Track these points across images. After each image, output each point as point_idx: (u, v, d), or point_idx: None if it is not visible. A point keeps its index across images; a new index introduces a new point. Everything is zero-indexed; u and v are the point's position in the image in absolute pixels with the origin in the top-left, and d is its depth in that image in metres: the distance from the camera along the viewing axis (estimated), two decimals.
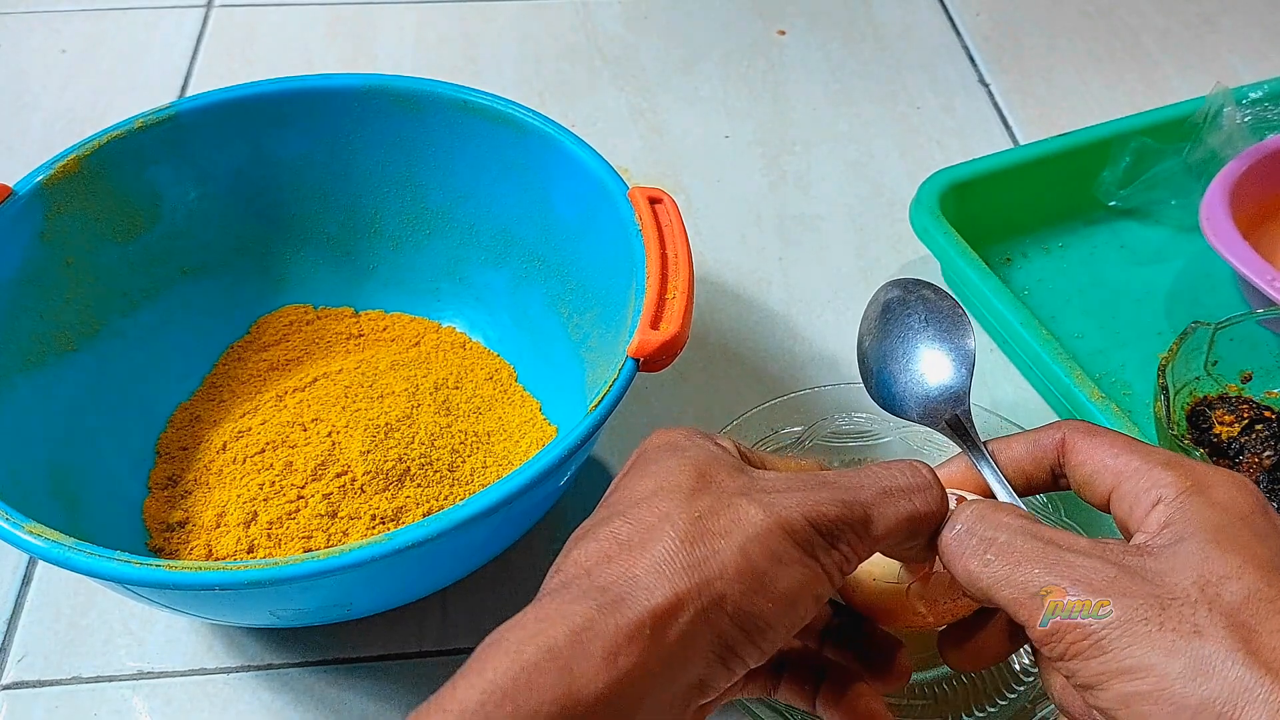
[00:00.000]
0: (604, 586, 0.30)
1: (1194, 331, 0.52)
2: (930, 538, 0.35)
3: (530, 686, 0.28)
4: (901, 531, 0.34)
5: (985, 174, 0.64)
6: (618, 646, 0.29)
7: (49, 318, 0.51)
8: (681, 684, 0.30)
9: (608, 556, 0.32)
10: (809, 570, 0.32)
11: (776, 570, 0.31)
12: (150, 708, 0.47)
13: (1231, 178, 0.61)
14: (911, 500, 0.34)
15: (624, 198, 0.50)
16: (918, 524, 0.34)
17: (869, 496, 0.34)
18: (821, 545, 0.32)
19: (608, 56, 0.82)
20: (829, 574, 0.33)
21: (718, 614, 0.30)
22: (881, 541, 0.34)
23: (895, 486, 0.34)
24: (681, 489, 0.33)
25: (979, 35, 0.84)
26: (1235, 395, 0.53)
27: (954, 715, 0.44)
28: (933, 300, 0.45)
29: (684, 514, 0.32)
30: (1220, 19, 0.86)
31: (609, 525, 0.33)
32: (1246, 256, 0.56)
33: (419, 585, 0.46)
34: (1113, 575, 0.30)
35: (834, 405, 0.54)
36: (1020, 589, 0.32)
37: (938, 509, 0.35)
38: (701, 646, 0.30)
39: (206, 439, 0.53)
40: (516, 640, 0.29)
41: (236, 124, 0.56)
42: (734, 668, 0.32)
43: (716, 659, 0.31)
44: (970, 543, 0.33)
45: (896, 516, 0.34)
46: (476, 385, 0.56)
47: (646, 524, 0.32)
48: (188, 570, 0.38)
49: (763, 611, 0.31)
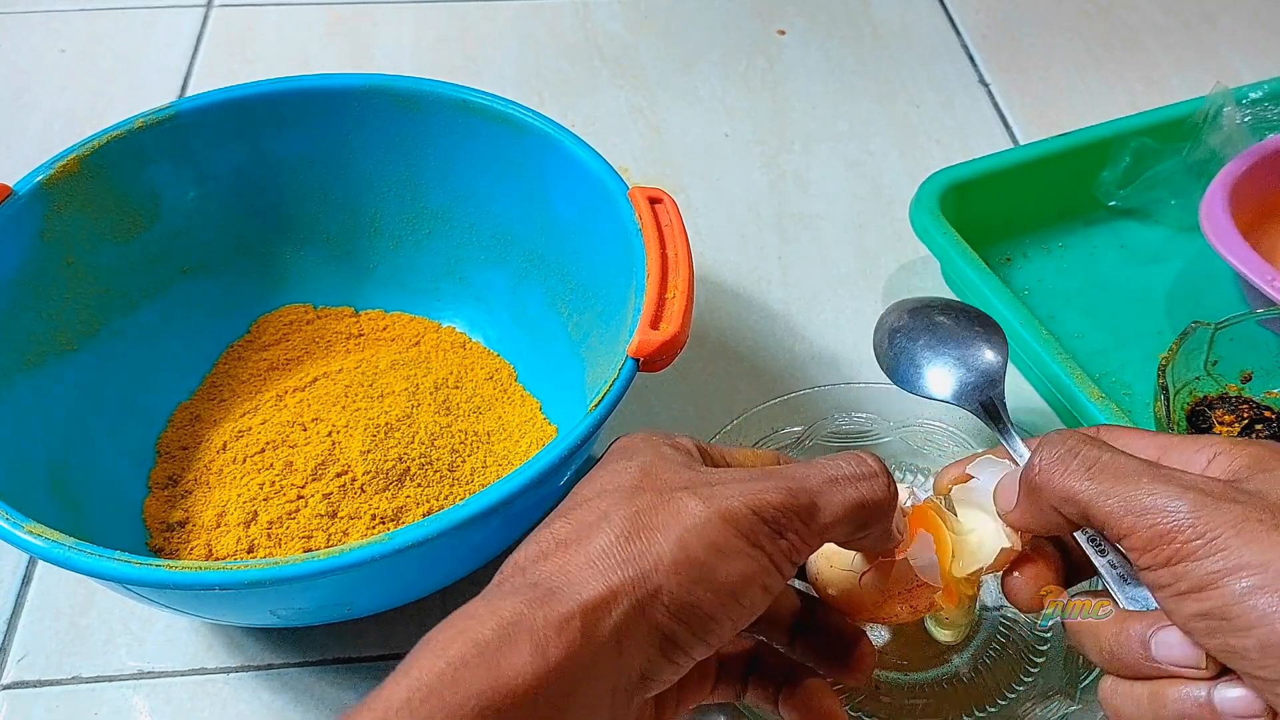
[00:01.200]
0: (536, 583, 0.31)
1: (1194, 331, 0.52)
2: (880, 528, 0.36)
3: (456, 681, 0.28)
4: (849, 519, 0.34)
5: (985, 174, 0.64)
6: (546, 639, 0.29)
7: (49, 318, 0.51)
8: (620, 677, 0.30)
9: (544, 554, 0.32)
10: (754, 560, 0.32)
11: (717, 561, 0.31)
12: (150, 708, 0.47)
13: (1231, 178, 0.61)
14: (858, 488, 0.34)
15: (624, 197, 0.50)
16: (865, 512, 0.35)
17: (815, 484, 0.34)
18: (766, 534, 0.32)
19: (607, 56, 0.82)
20: (776, 564, 0.33)
21: (654, 606, 0.31)
22: (830, 530, 0.34)
23: (841, 475, 0.34)
24: (623, 489, 0.33)
25: (979, 35, 0.84)
26: (1235, 395, 0.53)
27: (954, 715, 0.44)
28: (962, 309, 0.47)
29: (622, 511, 0.32)
30: (1220, 18, 0.86)
31: (549, 527, 0.33)
32: (1246, 256, 0.56)
33: (419, 585, 0.46)
34: (1222, 488, 0.31)
35: (834, 405, 0.54)
36: (1129, 500, 0.32)
37: (884, 496, 0.35)
38: (639, 639, 0.30)
39: (206, 439, 0.53)
40: (444, 638, 0.29)
41: (236, 124, 0.56)
42: (678, 659, 0.32)
43: (657, 651, 0.31)
44: (1072, 462, 0.34)
45: (844, 504, 0.34)
46: (476, 385, 0.56)
47: (585, 523, 0.32)
48: (188, 570, 0.38)
49: (703, 602, 0.31)
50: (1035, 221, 0.67)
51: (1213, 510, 0.30)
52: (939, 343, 0.46)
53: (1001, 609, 0.48)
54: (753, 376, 0.60)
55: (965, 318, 0.48)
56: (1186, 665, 0.32)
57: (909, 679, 0.45)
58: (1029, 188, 0.65)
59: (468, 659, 0.28)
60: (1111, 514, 0.32)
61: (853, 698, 0.45)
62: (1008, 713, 0.44)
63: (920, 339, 0.46)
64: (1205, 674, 0.31)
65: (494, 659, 0.28)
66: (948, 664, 0.46)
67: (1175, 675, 0.32)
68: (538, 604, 0.30)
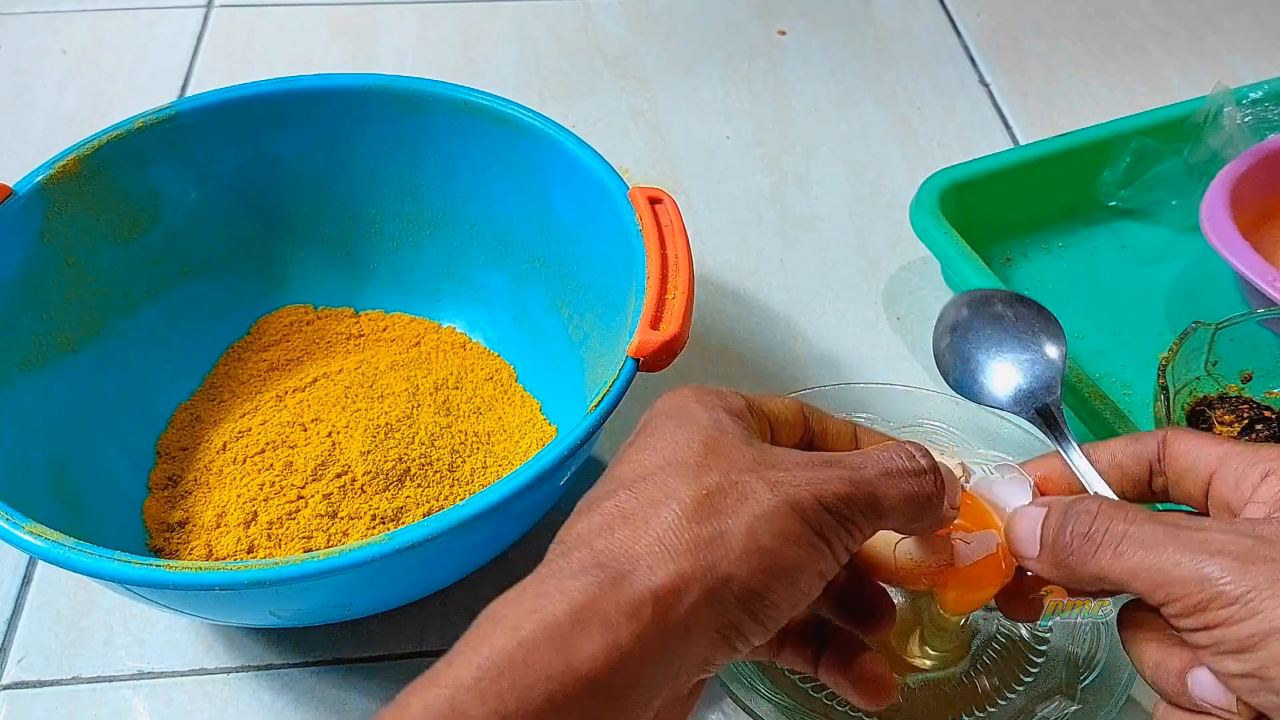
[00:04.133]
0: (604, 563, 0.30)
1: (1194, 331, 0.52)
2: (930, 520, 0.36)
3: (527, 663, 0.28)
4: (904, 513, 0.34)
5: (985, 174, 0.64)
6: (618, 624, 0.28)
7: (49, 318, 0.51)
8: (684, 661, 0.30)
9: (608, 527, 0.31)
10: (816, 550, 0.32)
11: (784, 550, 0.31)
12: (150, 708, 0.47)
13: (1232, 178, 0.61)
14: (911, 482, 0.35)
15: (624, 198, 0.50)
16: (918, 506, 0.35)
17: (873, 476, 0.34)
18: (830, 524, 0.32)
19: (608, 57, 0.82)
20: (835, 554, 0.33)
21: (724, 595, 0.30)
22: (886, 521, 0.34)
23: (897, 468, 0.34)
24: (688, 464, 0.33)
25: (979, 35, 0.84)
26: (1235, 395, 0.53)
27: (954, 715, 0.44)
28: (1021, 302, 0.46)
29: (689, 490, 0.31)
30: (1221, 19, 0.86)
31: (613, 498, 0.32)
32: (1247, 257, 0.56)
33: (419, 585, 0.46)
34: (1250, 544, 0.31)
35: (835, 405, 0.54)
36: (1159, 574, 0.32)
37: (934, 492, 0.35)
38: (706, 628, 0.30)
39: (206, 439, 0.53)
40: (515, 616, 0.29)
41: (236, 124, 0.56)
42: (738, 646, 0.31)
43: (720, 639, 0.31)
44: (1099, 539, 0.34)
45: (899, 497, 0.34)
46: (476, 385, 0.56)
47: (651, 499, 0.32)
48: (188, 570, 0.38)
49: (770, 591, 0.31)
50: (1035, 222, 0.67)
51: (1244, 574, 0.30)
52: (995, 345, 0.45)
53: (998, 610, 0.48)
54: (753, 377, 0.60)
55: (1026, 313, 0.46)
56: (1219, 707, 0.32)
57: (909, 679, 0.45)
58: (1029, 188, 0.65)
59: (539, 641, 0.28)
60: (1144, 589, 0.32)
61: None
62: (1008, 713, 0.44)
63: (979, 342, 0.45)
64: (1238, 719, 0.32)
65: (566, 642, 0.28)
66: (948, 665, 0.46)
67: (1211, 714, 0.32)
68: (610, 587, 0.29)
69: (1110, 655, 0.44)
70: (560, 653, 0.28)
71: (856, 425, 0.40)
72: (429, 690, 0.28)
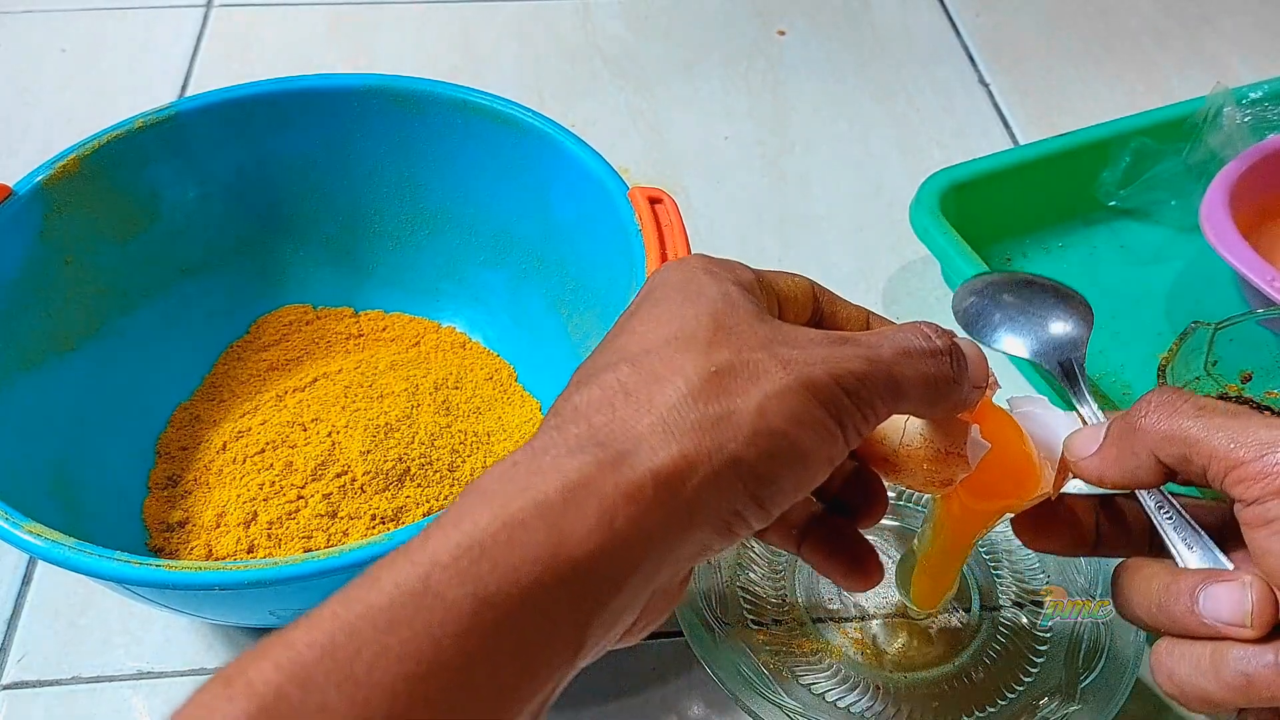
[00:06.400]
0: (604, 441, 0.28)
1: (1194, 331, 0.52)
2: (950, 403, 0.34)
3: (512, 543, 0.25)
4: (922, 395, 0.32)
5: (985, 174, 0.64)
6: (615, 506, 0.26)
7: (49, 317, 0.51)
8: (684, 548, 0.28)
9: (608, 402, 0.29)
10: (829, 432, 0.30)
11: (796, 432, 0.29)
12: (150, 708, 0.47)
13: (1231, 178, 0.61)
14: (929, 364, 0.32)
15: (624, 198, 0.50)
16: (937, 388, 0.33)
17: (889, 355, 0.31)
18: (846, 406, 0.30)
19: (608, 57, 0.82)
20: (847, 437, 0.30)
21: (730, 479, 0.28)
22: (903, 404, 0.32)
23: (914, 348, 0.32)
24: (696, 339, 0.30)
25: (979, 35, 0.84)
26: (1235, 395, 0.53)
27: (954, 715, 0.44)
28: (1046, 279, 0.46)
29: (697, 367, 0.29)
30: (1220, 19, 0.86)
31: (614, 371, 0.30)
32: (1246, 257, 0.56)
33: None
34: None
35: None
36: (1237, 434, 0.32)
37: (952, 374, 0.33)
38: (709, 512, 0.28)
39: (206, 439, 0.53)
40: (503, 493, 0.26)
41: (236, 124, 0.56)
42: (739, 531, 0.29)
43: (723, 525, 0.29)
44: (1183, 404, 0.34)
45: (917, 378, 0.32)
46: (476, 385, 0.56)
47: (655, 374, 0.29)
48: (188, 570, 0.38)
49: (778, 476, 0.29)
50: (1035, 221, 0.67)
51: None
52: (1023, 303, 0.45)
53: (999, 610, 0.48)
54: None
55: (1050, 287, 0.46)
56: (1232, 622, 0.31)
57: (909, 679, 0.45)
58: (1029, 188, 0.65)
59: (528, 520, 0.26)
60: (1219, 446, 0.32)
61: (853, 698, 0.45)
62: (1008, 713, 0.44)
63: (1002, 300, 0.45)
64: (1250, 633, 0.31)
65: (555, 522, 0.26)
66: (948, 664, 0.46)
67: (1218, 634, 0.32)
68: (608, 467, 0.27)
69: (1110, 655, 0.44)
70: (551, 534, 0.26)
71: (870, 312, 0.38)
72: (402, 566, 0.25)
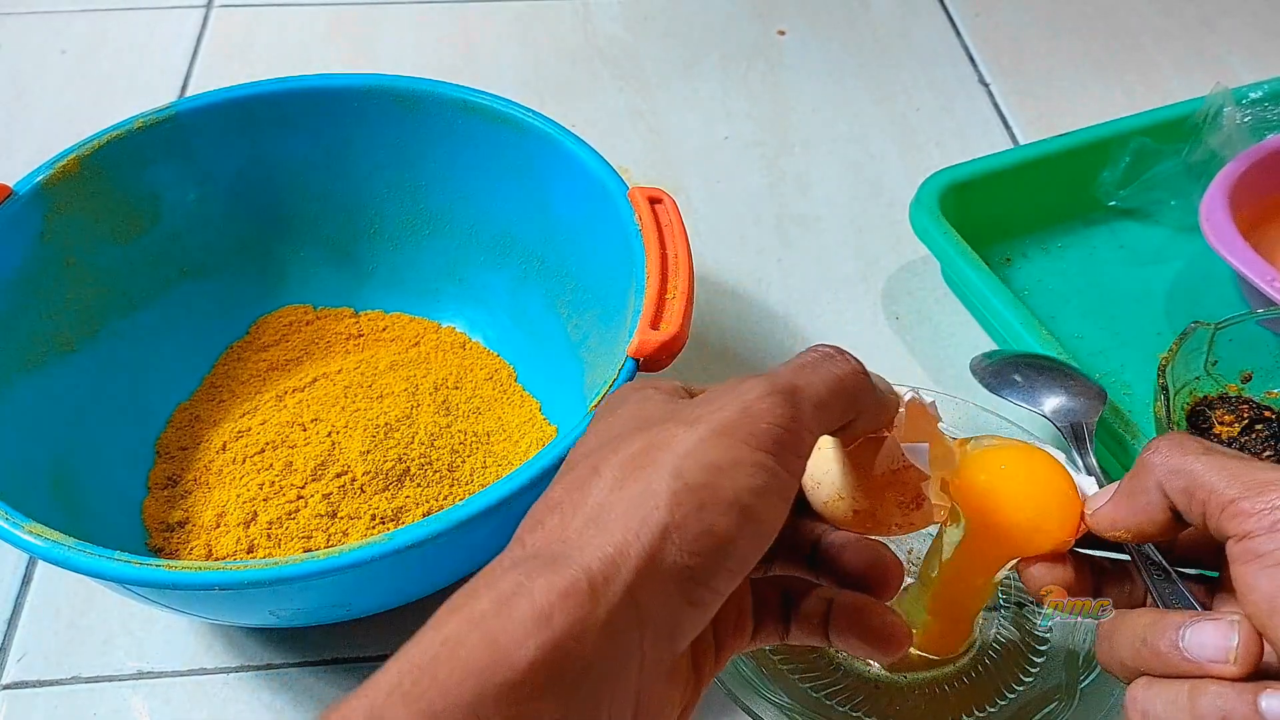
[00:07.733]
0: (535, 554, 0.29)
1: (1194, 331, 0.52)
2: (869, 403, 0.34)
3: (451, 658, 0.26)
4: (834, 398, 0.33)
5: (985, 174, 0.64)
6: (550, 606, 0.27)
7: (49, 318, 0.51)
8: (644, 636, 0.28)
9: (539, 522, 0.30)
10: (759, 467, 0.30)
11: (719, 479, 0.29)
12: (150, 708, 0.47)
13: (1231, 178, 0.61)
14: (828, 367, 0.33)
15: (624, 198, 0.50)
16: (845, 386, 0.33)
17: (788, 373, 0.32)
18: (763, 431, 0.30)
19: (608, 57, 0.82)
20: (784, 464, 0.30)
21: (665, 548, 0.28)
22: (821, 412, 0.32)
23: (806, 361, 0.33)
24: (611, 440, 0.31)
25: (979, 35, 0.84)
26: (1235, 395, 0.53)
27: (954, 715, 0.44)
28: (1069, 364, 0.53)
29: (613, 461, 0.30)
30: (1220, 20, 0.86)
31: (544, 496, 0.31)
32: (1246, 256, 0.56)
33: (419, 585, 0.46)
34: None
35: None
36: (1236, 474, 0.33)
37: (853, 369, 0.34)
38: (656, 589, 0.28)
39: (206, 439, 0.53)
40: (439, 617, 0.27)
41: (236, 124, 0.56)
42: (703, 598, 0.29)
43: (680, 597, 0.29)
44: (1191, 444, 0.35)
45: (823, 382, 0.32)
46: (476, 385, 0.56)
47: (581, 480, 0.30)
48: (188, 570, 0.38)
49: (716, 526, 0.29)
50: (1035, 221, 0.67)
51: None
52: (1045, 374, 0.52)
53: (1000, 610, 0.48)
54: None
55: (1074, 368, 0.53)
56: (1215, 659, 0.32)
57: (909, 679, 0.45)
58: (1029, 188, 0.65)
59: (461, 635, 0.26)
60: (1217, 483, 0.33)
61: (852, 698, 0.45)
62: (1008, 713, 0.44)
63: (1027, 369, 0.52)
64: (1233, 670, 0.31)
65: (490, 633, 0.26)
66: (947, 664, 0.46)
67: (1201, 672, 0.32)
68: (537, 573, 0.27)
69: None
70: (486, 642, 0.26)
71: None
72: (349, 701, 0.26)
